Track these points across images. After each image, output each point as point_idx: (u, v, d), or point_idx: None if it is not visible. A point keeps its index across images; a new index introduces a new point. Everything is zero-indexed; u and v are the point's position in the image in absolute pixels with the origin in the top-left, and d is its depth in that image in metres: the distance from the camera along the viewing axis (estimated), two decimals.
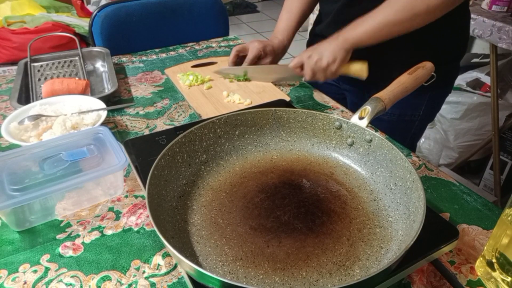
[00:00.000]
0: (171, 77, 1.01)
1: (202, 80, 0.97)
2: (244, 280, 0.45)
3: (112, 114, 0.85)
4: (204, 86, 0.95)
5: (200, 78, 0.97)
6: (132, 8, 1.29)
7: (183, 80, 0.97)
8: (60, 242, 0.54)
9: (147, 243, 0.54)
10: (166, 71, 1.04)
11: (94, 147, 0.61)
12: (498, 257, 0.47)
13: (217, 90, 0.94)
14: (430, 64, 0.66)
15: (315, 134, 0.64)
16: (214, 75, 1.01)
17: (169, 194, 0.54)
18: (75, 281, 0.48)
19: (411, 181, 0.50)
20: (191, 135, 0.59)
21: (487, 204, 0.61)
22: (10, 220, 0.55)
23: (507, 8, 1.51)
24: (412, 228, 0.45)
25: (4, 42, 1.81)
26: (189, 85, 0.95)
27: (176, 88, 0.96)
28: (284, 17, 1.02)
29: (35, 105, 0.77)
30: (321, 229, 0.51)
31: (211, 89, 0.95)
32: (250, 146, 0.65)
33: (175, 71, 1.04)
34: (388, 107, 0.59)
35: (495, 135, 1.64)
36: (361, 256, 0.47)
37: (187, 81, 0.96)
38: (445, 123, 1.84)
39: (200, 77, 0.97)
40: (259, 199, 0.55)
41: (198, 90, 0.94)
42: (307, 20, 1.10)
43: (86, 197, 0.60)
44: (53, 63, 1.03)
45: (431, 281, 0.49)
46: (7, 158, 0.58)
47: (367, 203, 0.55)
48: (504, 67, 1.75)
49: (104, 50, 1.08)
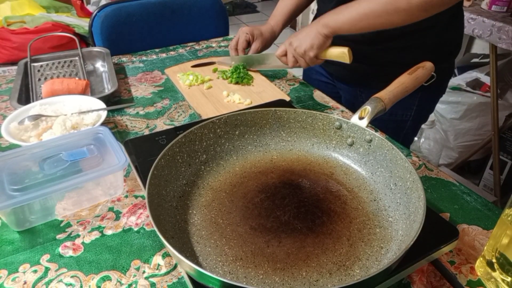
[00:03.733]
0: (171, 77, 1.01)
1: (202, 80, 0.97)
2: (244, 280, 0.45)
3: (112, 114, 0.85)
4: (204, 86, 0.95)
5: (200, 78, 0.97)
6: (132, 8, 1.29)
7: (183, 80, 0.97)
8: (60, 242, 0.54)
9: (147, 243, 0.54)
10: (166, 71, 1.04)
11: (94, 147, 0.61)
12: (498, 257, 0.47)
13: (217, 90, 0.94)
14: (430, 64, 0.66)
15: (315, 134, 0.64)
16: (214, 75, 1.01)
17: (169, 194, 0.54)
18: (75, 281, 0.48)
19: (411, 181, 0.50)
20: (191, 135, 0.59)
21: (487, 204, 0.61)
22: (10, 220, 0.55)
23: (507, 8, 1.51)
24: (412, 228, 0.45)
25: (4, 42, 1.81)
26: (189, 85, 0.95)
27: (176, 88, 0.96)
28: (279, 6, 1.06)
29: (35, 105, 0.77)
30: (321, 229, 0.51)
31: (211, 89, 0.94)
32: (250, 146, 0.65)
33: (175, 71, 1.04)
34: (388, 107, 0.59)
35: (495, 135, 1.64)
36: (361, 256, 0.47)
37: (187, 81, 0.96)
38: (445, 123, 1.84)
39: (200, 77, 0.97)
40: (259, 199, 0.55)
41: (198, 90, 0.94)
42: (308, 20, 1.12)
43: (86, 197, 0.60)
44: (53, 63, 1.03)
45: (431, 281, 0.49)
46: (7, 158, 0.58)
47: (367, 203, 0.55)
48: (504, 67, 1.75)
49: (104, 50, 1.08)
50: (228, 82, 0.97)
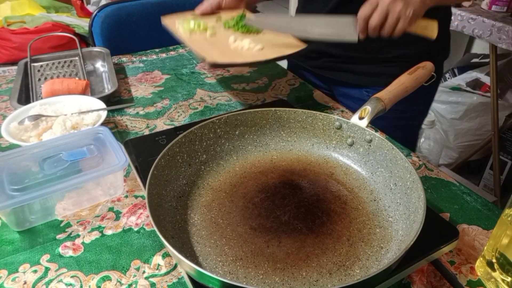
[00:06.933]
0: (169, 27, 0.87)
1: (204, 27, 0.83)
2: (244, 280, 0.45)
3: (112, 114, 0.85)
4: (208, 33, 0.82)
5: (202, 24, 0.83)
6: (132, 8, 1.29)
7: (183, 26, 0.84)
8: (60, 242, 0.54)
9: (147, 243, 0.54)
10: (163, 21, 0.90)
11: (94, 147, 0.61)
12: (498, 257, 0.47)
13: (223, 37, 0.81)
14: (430, 64, 0.66)
15: (315, 134, 0.64)
16: (219, 23, 0.87)
17: (169, 194, 0.54)
18: (75, 281, 0.48)
19: (411, 181, 0.51)
20: (191, 135, 0.59)
21: (487, 204, 0.61)
22: (10, 220, 0.55)
23: (507, 8, 1.51)
24: (412, 228, 0.45)
25: (4, 42, 1.81)
26: (190, 31, 0.82)
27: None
28: None
29: (35, 105, 0.77)
30: (321, 229, 0.51)
31: (216, 37, 0.81)
32: (250, 146, 0.65)
33: (174, 19, 0.90)
34: (388, 107, 0.59)
35: (495, 135, 1.64)
36: (361, 256, 0.47)
37: (187, 27, 0.83)
38: (445, 123, 1.84)
39: (202, 24, 0.84)
40: (259, 199, 0.55)
41: (200, 37, 0.81)
42: None
43: (86, 197, 0.60)
44: (53, 63, 1.03)
45: (431, 281, 0.49)
46: (7, 158, 0.58)
47: (367, 203, 0.55)
48: (504, 67, 1.75)
49: (104, 50, 1.08)
50: (234, 30, 0.84)
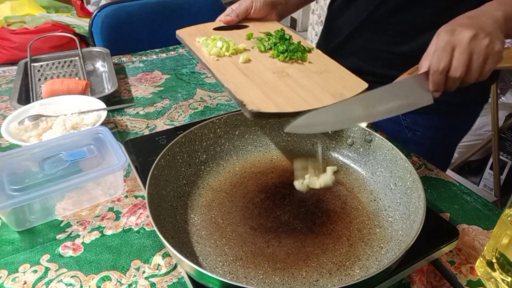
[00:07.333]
0: (187, 42, 0.67)
1: (235, 50, 0.62)
2: (244, 280, 0.45)
3: (112, 114, 0.85)
4: (240, 58, 0.60)
5: (232, 46, 0.62)
6: (132, 8, 1.29)
7: (207, 47, 0.63)
8: (60, 242, 0.54)
9: (147, 243, 0.54)
10: (179, 35, 0.70)
11: (94, 147, 0.61)
12: (498, 257, 0.47)
13: (258, 64, 0.60)
14: None
15: (315, 134, 0.64)
16: (249, 43, 0.66)
17: (169, 194, 0.54)
18: (75, 281, 0.48)
19: (411, 181, 0.51)
20: (191, 135, 0.59)
21: (487, 204, 0.61)
22: (10, 220, 0.55)
23: None
24: (412, 228, 0.45)
25: (4, 42, 1.81)
26: (217, 55, 0.61)
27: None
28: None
29: (35, 105, 0.77)
30: (321, 229, 0.51)
31: (249, 64, 0.60)
32: (250, 146, 0.65)
33: (192, 33, 0.69)
34: None
35: (495, 135, 1.63)
36: (361, 256, 0.47)
37: (214, 48, 0.62)
38: None
39: (232, 45, 0.62)
40: (259, 199, 0.55)
41: (230, 63, 0.60)
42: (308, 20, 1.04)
43: (86, 197, 0.60)
44: (53, 63, 1.03)
45: (431, 281, 0.49)
46: (7, 158, 0.58)
47: (367, 203, 0.55)
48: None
49: (104, 50, 1.08)
50: (270, 56, 0.62)
